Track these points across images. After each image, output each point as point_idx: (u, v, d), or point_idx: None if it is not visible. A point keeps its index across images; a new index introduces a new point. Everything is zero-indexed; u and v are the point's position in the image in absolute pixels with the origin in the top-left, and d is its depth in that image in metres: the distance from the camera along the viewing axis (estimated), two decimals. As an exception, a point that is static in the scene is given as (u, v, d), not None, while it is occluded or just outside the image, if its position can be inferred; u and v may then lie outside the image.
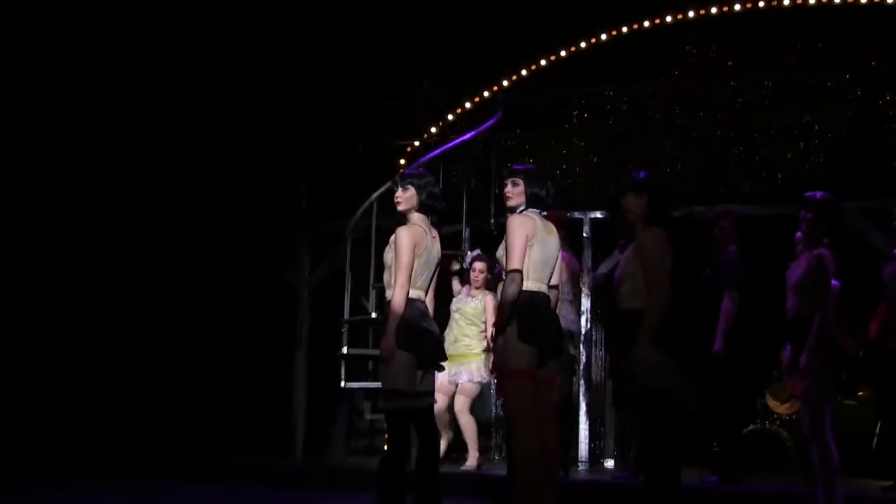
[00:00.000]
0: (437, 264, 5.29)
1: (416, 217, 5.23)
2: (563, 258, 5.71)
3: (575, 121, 8.89)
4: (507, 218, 5.09)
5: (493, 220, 8.25)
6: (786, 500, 6.28)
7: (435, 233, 5.28)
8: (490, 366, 6.11)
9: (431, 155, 8.30)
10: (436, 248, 5.24)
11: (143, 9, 9.22)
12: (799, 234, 5.61)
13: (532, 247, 4.99)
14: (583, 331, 8.15)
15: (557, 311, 5.33)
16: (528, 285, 4.97)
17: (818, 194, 5.56)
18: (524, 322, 4.94)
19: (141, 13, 9.24)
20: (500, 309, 4.97)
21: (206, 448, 8.98)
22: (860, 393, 7.84)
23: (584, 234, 8.41)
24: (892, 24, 8.04)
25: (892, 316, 6.44)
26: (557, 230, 5.25)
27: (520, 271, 4.93)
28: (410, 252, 5.09)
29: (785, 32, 8.39)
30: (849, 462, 6.85)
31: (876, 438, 7.43)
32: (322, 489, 7.42)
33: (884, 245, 7.21)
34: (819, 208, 5.50)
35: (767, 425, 7.95)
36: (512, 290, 4.91)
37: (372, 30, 9.40)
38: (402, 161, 8.91)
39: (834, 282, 6.15)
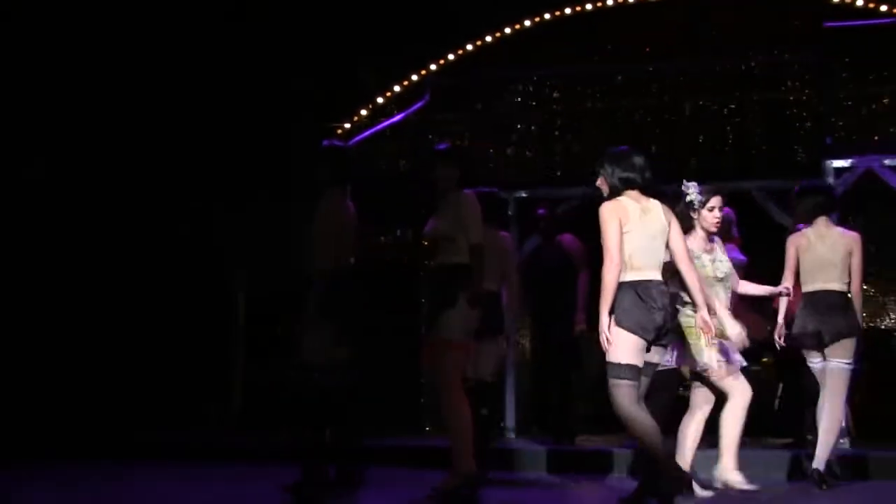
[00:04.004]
0: None
1: None
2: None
3: (503, 103, 9.23)
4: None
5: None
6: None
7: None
8: None
9: (361, 137, 8.61)
10: None
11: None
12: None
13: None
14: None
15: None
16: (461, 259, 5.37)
17: None
18: (455, 295, 5.34)
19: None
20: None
21: (144, 425, 9.07)
22: (764, 359, 8.39)
23: (510, 213, 8.78)
24: (796, 14, 8.58)
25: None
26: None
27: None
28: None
29: (696, 20, 8.86)
30: (754, 422, 7.43)
31: (778, 400, 8.02)
32: (259, 462, 7.50)
33: (786, 220, 7.77)
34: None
35: (684, 392, 8.43)
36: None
37: (302, 15, 9.56)
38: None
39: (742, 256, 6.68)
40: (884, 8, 8.26)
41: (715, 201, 5.71)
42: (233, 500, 5.60)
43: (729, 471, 5.68)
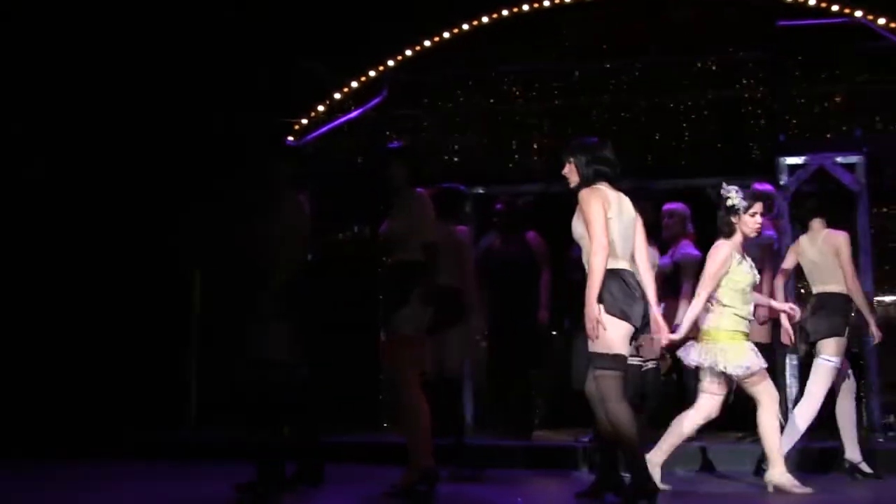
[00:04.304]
0: None
1: None
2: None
3: (460, 100, 9.25)
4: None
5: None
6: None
7: None
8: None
9: (318, 133, 8.58)
10: None
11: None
12: None
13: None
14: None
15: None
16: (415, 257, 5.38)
17: None
18: (408, 293, 5.36)
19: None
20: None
21: (100, 424, 8.95)
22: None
23: (467, 209, 8.79)
24: (750, 13, 8.67)
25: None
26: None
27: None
28: None
29: (652, 18, 8.93)
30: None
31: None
32: (215, 460, 7.46)
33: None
34: None
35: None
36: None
37: (259, 9, 9.49)
38: (290, 139, 9.12)
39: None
40: (835, 8, 8.37)
41: (757, 207, 5.70)
42: (187, 499, 5.54)
43: (780, 474, 5.65)
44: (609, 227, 4.73)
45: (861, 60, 8.48)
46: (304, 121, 9.24)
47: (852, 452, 6.26)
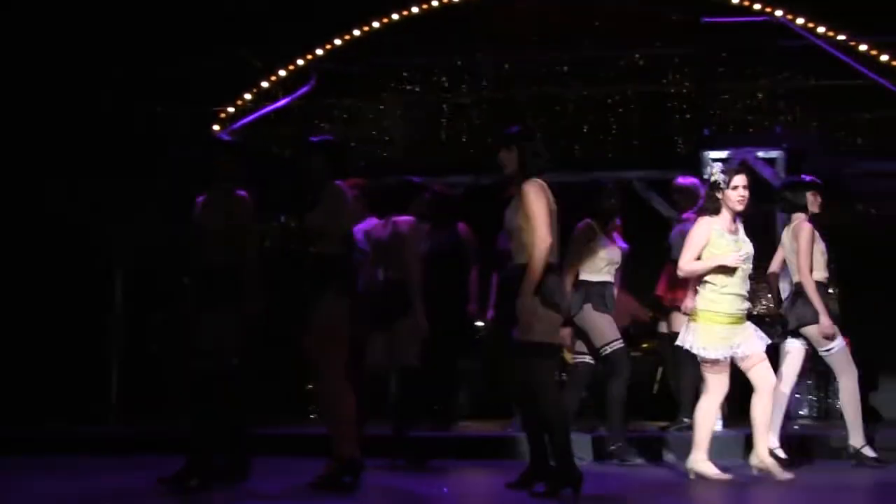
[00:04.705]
0: None
1: None
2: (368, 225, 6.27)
3: (390, 90, 9.22)
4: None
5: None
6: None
7: None
8: None
9: (245, 121, 8.48)
10: None
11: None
12: None
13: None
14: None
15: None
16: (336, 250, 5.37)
17: None
18: (328, 286, 5.36)
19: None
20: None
21: (21, 419, 8.76)
22: (644, 345, 8.62)
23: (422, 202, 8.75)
24: (676, 10, 8.81)
25: (673, 275, 7.14)
26: (357, 197, 5.74)
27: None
28: None
29: (583, 13, 9.01)
30: (633, 406, 7.63)
31: (656, 385, 8.25)
32: (138, 453, 7.31)
33: (666, 210, 7.99)
34: None
35: (563, 378, 8.58)
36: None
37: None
38: (216, 127, 9.01)
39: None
40: (757, 6, 8.54)
41: (738, 180, 5.61)
42: (112, 492, 5.43)
43: (702, 461, 5.65)
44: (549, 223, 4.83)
45: (781, 58, 8.68)
46: (231, 109, 9.11)
47: (855, 438, 6.27)
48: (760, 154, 8.03)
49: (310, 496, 5.14)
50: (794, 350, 6.33)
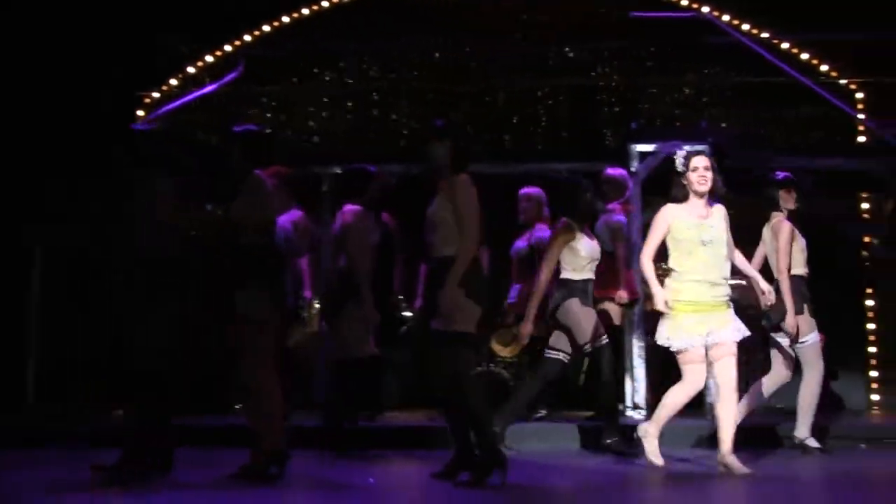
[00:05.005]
0: None
1: None
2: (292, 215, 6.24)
3: (319, 78, 9.13)
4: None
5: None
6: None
7: None
8: None
9: (170, 107, 8.33)
10: None
11: None
12: None
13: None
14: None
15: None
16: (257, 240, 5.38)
17: None
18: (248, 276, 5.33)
19: None
20: None
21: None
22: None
23: (324, 189, 8.71)
24: (605, 4, 8.89)
25: (601, 264, 7.19)
26: (278, 185, 5.86)
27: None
28: None
29: (514, 4, 9.04)
30: (561, 396, 7.71)
31: (583, 375, 8.30)
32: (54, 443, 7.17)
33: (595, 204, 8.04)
34: None
35: (492, 368, 8.62)
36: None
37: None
38: (141, 112, 8.83)
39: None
40: (685, 2, 8.66)
41: (697, 161, 5.59)
42: (37, 483, 5.31)
43: (724, 454, 5.59)
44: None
45: (708, 54, 8.82)
46: (156, 94, 8.93)
47: (802, 430, 6.44)
48: (686, 148, 8.11)
49: (235, 487, 5.09)
50: (809, 341, 6.43)
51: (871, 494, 5.07)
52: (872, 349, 8.76)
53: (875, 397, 8.70)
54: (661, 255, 5.76)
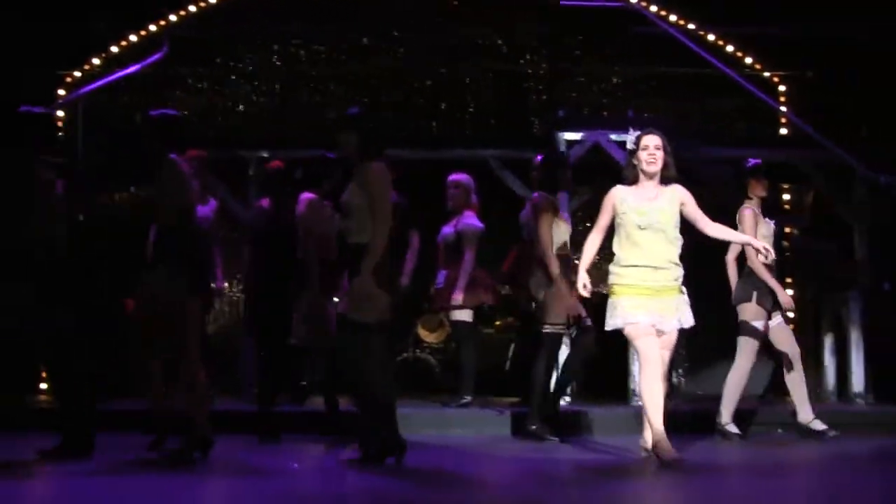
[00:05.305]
0: None
1: None
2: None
3: (245, 60, 9.02)
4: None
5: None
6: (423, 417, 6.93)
7: None
8: None
9: (92, 86, 8.16)
10: None
11: None
12: None
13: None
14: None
15: None
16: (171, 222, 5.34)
17: None
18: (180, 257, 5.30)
19: None
20: None
21: None
22: (497, 322, 8.74)
23: (250, 173, 8.59)
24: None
25: (524, 251, 7.23)
26: (196, 167, 5.84)
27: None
28: None
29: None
30: (486, 383, 7.74)
31: (508, 362, 8.37)
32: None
33: (520, 189, 8.09)
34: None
35: (419, 353, 8.63)
36: None
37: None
38: (62, 92, 8.63)
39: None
40: (613, -9, 8.75)
41: (647, 140, 5.40)
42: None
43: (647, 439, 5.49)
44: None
45: (635, 44, 8.91)
46: (78, 73, 8.73)
47: (725, 416, 6.54)
48: (613, 137, 8.19)
49: (158, 471, 5.06)
50: (773, 327, 6.57)
51: (788, 480, 5.17)
52: (791, 337, 8.96)
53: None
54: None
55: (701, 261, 6.55)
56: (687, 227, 5.50)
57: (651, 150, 5.39)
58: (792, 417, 6.70)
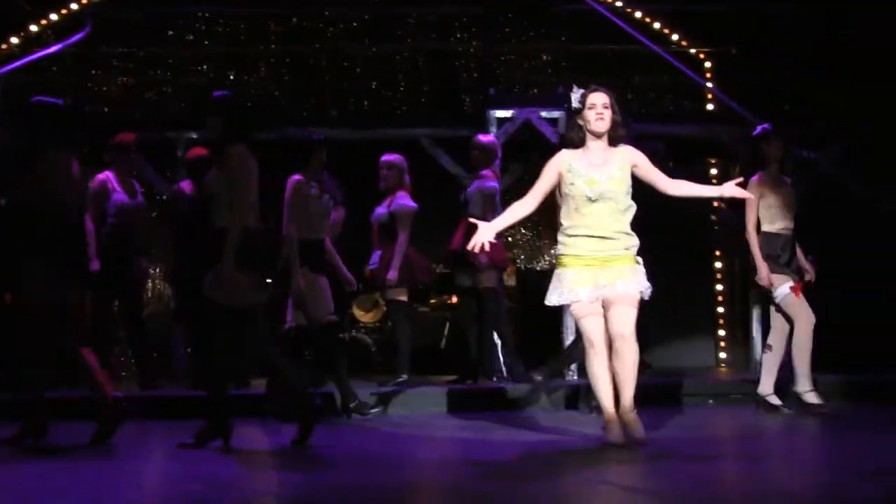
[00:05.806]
0: None
1: None
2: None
3: (171, 40, 8.86)
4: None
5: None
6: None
7: None
8: None
9: (11, 66, 7.96)
10: None
11: None
12: None
13: None
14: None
15: None
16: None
17: None
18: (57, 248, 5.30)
19: None
20: None
21: None
22: (432, 300, 8.76)
23: (179, 155, 8.45)
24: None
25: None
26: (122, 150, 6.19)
27: None
28: None
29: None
30: (422, 362, 7.76)
31: (444, 340, 8.40)
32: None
33: (452, 167, 8.10)
34: None
35: (354, 333, 8.61)
36: None
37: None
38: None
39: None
40: (543, -31, 8.76)
41: (594, 97, 4.98)
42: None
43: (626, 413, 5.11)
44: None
45: (564, 22, 8.95)
46: (-5, 52, 8.48)
47: (802, 385, 6.36)
48: (544, 114, 8.23)
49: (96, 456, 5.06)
50: (779, 295, 6.42)
51: (720, 447, 5.27)
52: (720, 309, 9.16)
53: (722, 355, 9.10)
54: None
55: (668, 231, 6.58)
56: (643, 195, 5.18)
57: (598, 108, 4.97)
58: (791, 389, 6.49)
